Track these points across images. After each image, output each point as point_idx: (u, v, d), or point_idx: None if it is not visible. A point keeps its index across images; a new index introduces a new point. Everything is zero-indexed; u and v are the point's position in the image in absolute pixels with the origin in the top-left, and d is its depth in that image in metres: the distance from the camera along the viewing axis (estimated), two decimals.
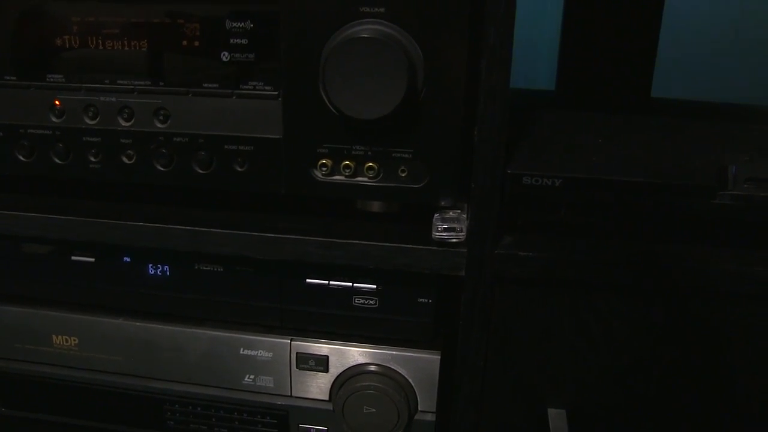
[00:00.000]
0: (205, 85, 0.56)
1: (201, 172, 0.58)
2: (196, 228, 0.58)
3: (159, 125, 0.57)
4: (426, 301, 0.60)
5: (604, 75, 0.84)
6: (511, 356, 0.59)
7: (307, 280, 0.61)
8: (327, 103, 0.53)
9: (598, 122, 0.70)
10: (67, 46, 0.57)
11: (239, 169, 0.57)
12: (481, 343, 0.58)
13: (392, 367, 0.62)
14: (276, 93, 0.55)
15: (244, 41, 0.54)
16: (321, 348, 0.62)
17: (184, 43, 0.55)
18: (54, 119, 0.59)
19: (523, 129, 0.63)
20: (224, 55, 0.54)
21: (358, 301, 0.61)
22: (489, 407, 0.61)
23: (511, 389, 0.60)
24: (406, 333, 0.61)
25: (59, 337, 0.67)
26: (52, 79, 0.58)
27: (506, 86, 0.50)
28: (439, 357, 0.61)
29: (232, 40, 0.54)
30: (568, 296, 0.56)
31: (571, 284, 0.55)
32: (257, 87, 0.55)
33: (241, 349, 0.64)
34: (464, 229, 0.54)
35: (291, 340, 0.63)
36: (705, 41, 1.04)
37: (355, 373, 0.62)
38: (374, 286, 0.60)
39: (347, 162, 0.55)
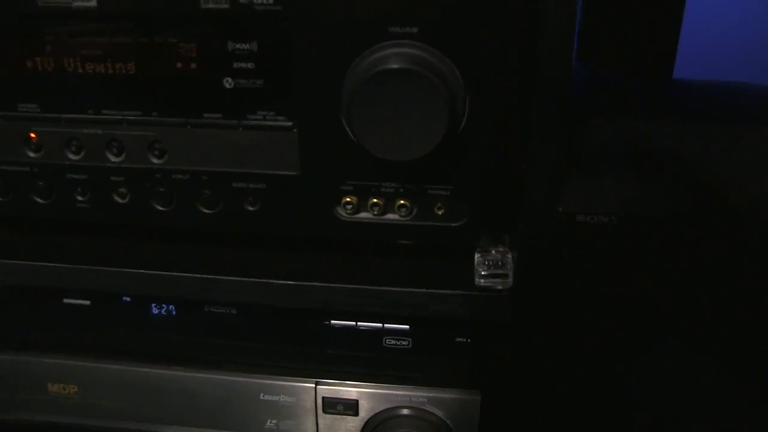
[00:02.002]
0: (206, 115, 0.48)
1: (206, 212, 0.51)
2: (205, 276, 0.52)
3: (155, 160, 0.50)
4: (464, 341, 0.54)
5: (624, 55, 0.76)
6: None
7: (333, 322, 0.55)
8: (353, 138, 0.45)
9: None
10: (40, 69, 0.49)
11: (251, 209, 0.50)
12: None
13: (428, 410, 0.56)
14: (290, 124, 0.47)
15: (249, 65, 0.46)
16: (350, 391, 0.57)
17: (179, 66, 0.47)
18: (31, 154, 0.51)
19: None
20: (227, 81, 0.47)
21: (390, 342, 0.55)
22: None
23: None
24: (442, 374, 0.56)
25: (56, 385, 0.60)
26: (24, 109, 0.50)
27: (562, 114, 0.43)
28: (480, 398, 0.55)
29: (235, 64, 0.46)
30: None
31: None
32: (268, 117, 0.47)
33: (262, 394, 0.58)
34: (511, 274, 0.47)
35: (316, 384, 0.57)
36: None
37: (387, 417, 0.57)
38: (407, 327, 0.54)
39: (375, 200, 0.48)
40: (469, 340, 0.54)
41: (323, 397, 0.57)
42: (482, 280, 0.47)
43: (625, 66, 0.76)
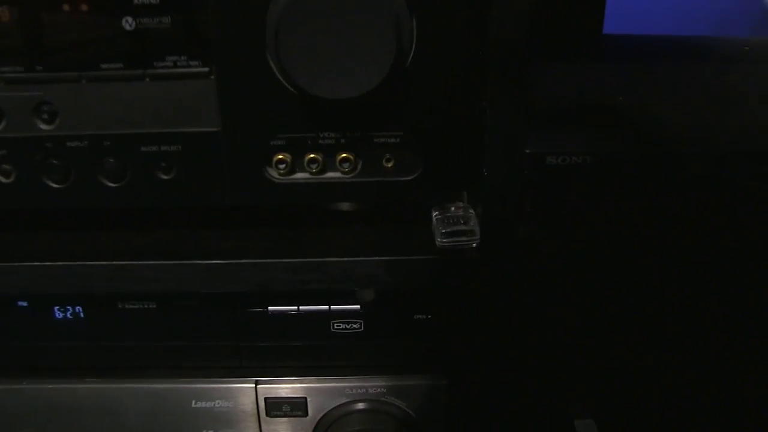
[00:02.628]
0: (104, 66, 0.40)
1: (111, 185, 0.43)
2: (116, 262, 0.43)
3: (43, 126, 0.41)
4: (425, 317, 0.48)
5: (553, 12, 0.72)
6: None
7: (271, 308, 0.47)
8: (281, 80, 0.38)
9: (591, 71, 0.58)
10: None
11: (165, 177, 0.42)
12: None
13: (387, 401, 0.49)
14: (206, 70, 0.40)
15: (153, 0, 0.38)
16: (295, 388, 0.49)
17: (66, 6, 0.39)
18: None
19: None
20: (127, 21, 0.39)
21: (339, 326, 0.48)
22: None
23: None
24: (401, 359, 0.49)
25: None
26: None
27: (526, 39, 0.37)
28: (445, 383, 0.49)
29: (136, 0, 0.38)
30: None
31: None
32: (179, 63, 0.40)
33: (194, 401, 0.50)
34: (477, 231, 0.41)
35: (256, 384, 0.49)
36: None
37: (342, 413, 0.49)
38: (357, 307, 0.47)
39: (313, 155, 0.41)
40: (429, 316, 0.47)
41: (265, 398, 0.49)
42: (444, 240, 0.41)
43: (555, 22, 0.73)
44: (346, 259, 0.42)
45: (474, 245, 0.41)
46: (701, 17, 0.95)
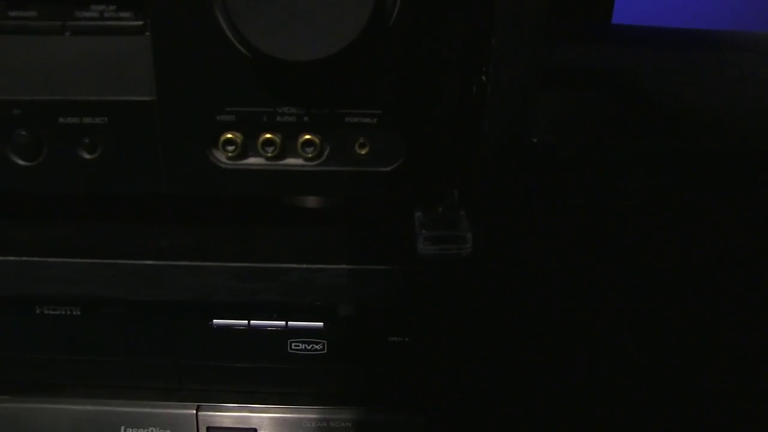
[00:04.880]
0: (14, 14, 0.32)
1: (22, 164, 0.35)
2: (25, 258, 0.35)
3: None
4: (401, 340, 0.40)
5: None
6: None
7: (216, 321, 0.39)
8: (231, 37, 0.31)
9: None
10: None
11: (88, 156, 0.35)
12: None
13: None
14: (140, 24, 0.32)
15: None
16: (244, 417, 0.42)
17: None
18: None
19: None
20: None
21: (297, 346, 0.40)
22: None
23: None
24: (371, 390, 0.41)
25: None
26: None
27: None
28: (423, 420, 0.41)
29: None
30: None
31: None
32: (106, 14, 0.33)
33: (123, 427, 0.42)
34: (469, 237, 0.33)
35: (197, 410, 0.42)
36: None
37: None
38: (320, 324, 0.39)
39: (269, 135, 0.34)
40: (406, 339, 0.40)
41: (207, 428, 0.42)
42: (427, 247, 0.33)
43: (565, 11, 0.73)
44: (305, 266, 0.35)
45: (464, 254, 0.33)
46: (714, 12, 0.92)
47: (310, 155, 0.34)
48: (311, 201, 0.40)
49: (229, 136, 0.34)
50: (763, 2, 0.93)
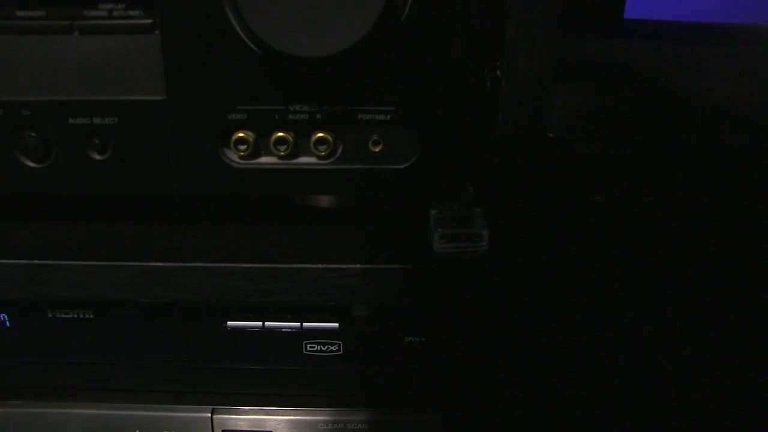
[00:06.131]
0: (21, 14, 0.32)
1: (32, 165, 0.34)
2: (36, 261, 0.35)
3: None
4: (417, 340, 0.39)
5: None
6: None
7: (230, 323, 0.39)
8: (241, 35, 0.30)
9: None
10: None
11: (98, 158, 0.34)
12: None
13: None
14: (150, 22, 0.32)
15: None
16: (260, 420, 0.41)
17: None
18: None
19: None
20: None
21: (312, 347, 0.39)
22: None
23: None
24: (387, 390, 0.41)
25: None
26: None
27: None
28: (440, 419, 0.40)
29: None
30: None
31: None
32: (116, 12, 0.32)
33: (137, 431, 0.42)
34: (485, 235, 0.33)
35: (212, 413, 0.41)
36: None
37: None
38: (335, 325, 0.39)
39: (282, 134, 0.33)
40: (423, 339, 0.39)
41: (223, 430, 0.41)
42: (443, 245, 0.32)
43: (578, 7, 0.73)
44: (319, 266, 0.34)
45: (480, 252, 0.33)
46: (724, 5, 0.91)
47: (323, 153, 0.34)
48: (325, 200, 0.40)
49: (241, 134, 0.33)
50: None
